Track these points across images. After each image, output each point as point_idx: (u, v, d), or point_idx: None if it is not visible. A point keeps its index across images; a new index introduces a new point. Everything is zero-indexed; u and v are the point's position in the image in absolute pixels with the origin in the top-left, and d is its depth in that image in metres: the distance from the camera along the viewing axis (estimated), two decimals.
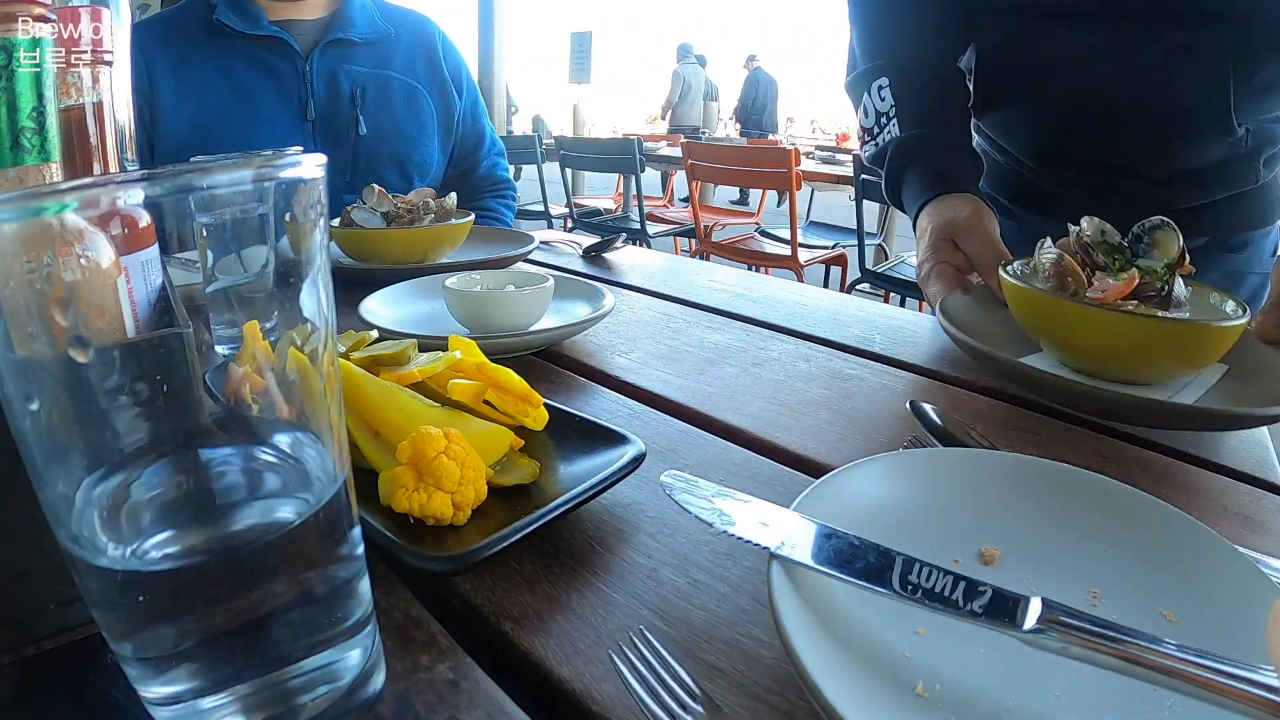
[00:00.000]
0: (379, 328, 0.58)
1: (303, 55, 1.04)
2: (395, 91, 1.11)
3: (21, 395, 0.18)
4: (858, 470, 0.37)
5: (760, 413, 0.54)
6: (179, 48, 1.01)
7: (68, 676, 0.27)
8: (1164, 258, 0.52)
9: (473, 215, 0.95)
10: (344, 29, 1.06)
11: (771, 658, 0.30)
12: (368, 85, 1.08)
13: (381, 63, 1.10)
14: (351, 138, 1.07)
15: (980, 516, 0.36)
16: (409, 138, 1.12)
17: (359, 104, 1.07)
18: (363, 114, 1.07)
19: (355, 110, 1.07)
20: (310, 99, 1.04)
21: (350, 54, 1.07)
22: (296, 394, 0.22)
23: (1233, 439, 0.52)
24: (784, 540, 0.30)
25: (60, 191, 0.17)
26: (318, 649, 0.23)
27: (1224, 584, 0.31)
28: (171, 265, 0.25)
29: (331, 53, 1.05)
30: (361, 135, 1.07)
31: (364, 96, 1.07)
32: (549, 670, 0.29)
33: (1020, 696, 0.26)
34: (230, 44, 1.01)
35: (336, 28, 1.06)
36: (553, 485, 0.39)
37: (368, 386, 0.39)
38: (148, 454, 0.21)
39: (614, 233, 1.11)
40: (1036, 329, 0.53)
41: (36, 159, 0.26)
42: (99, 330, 0.20)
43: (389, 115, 1.10)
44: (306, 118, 1.04)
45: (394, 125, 1.11)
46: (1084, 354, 0.51)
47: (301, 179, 0.20)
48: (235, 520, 0.23)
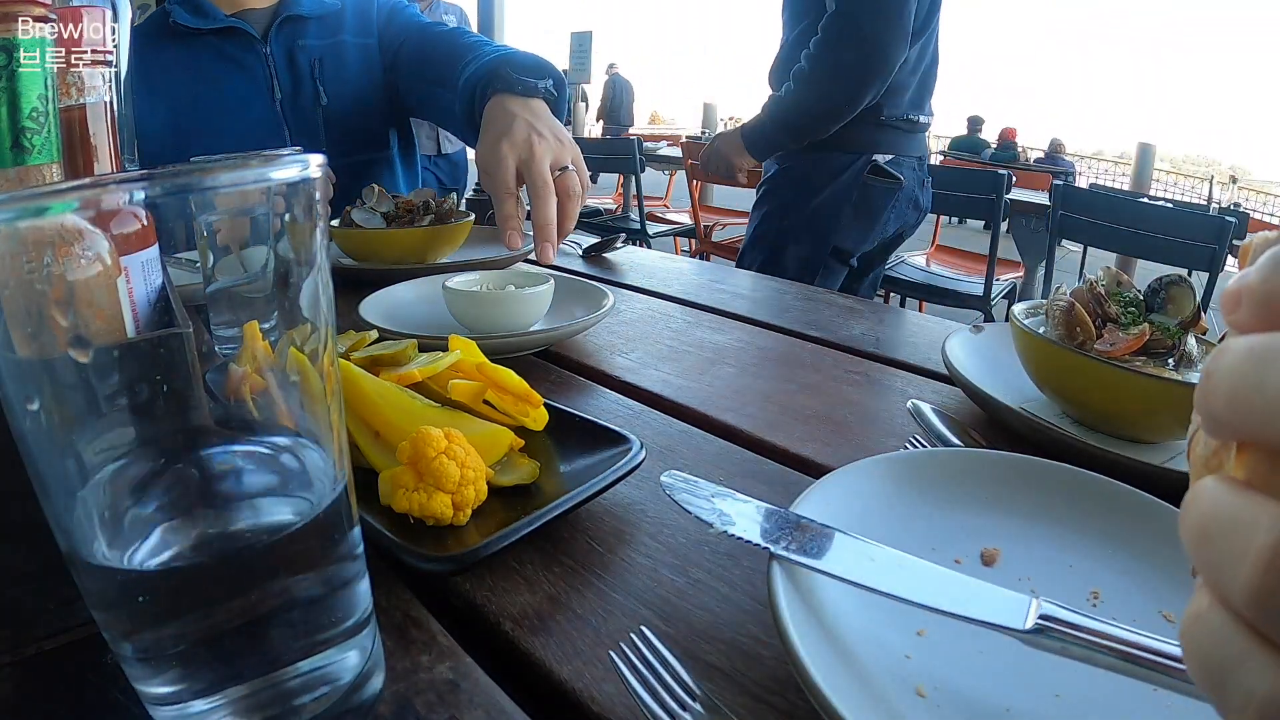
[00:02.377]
0: (379, 328, 0.58)
1: (261, 39, 1.06)
2: (349, 55, 1.12)
3: (21, 396, 0.18)
4: (858, 470, 0.37)
5: (760, 413, 0.54)
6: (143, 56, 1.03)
7: (68, 676, 0.27)
8: (1178, 315, 0.51)
9: (473, 215, 0.95)
10: (294, 6, 1.08)
11: (771, 658, 0.30)
12: (323, 56, 1.10)
13: (333, 31, 1.12)
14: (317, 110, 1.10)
15: (980, 516, 0.36)
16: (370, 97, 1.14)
17: (318, 75, 1.09)
18: (322, 84, 1.09)
19: (315, 83, 1.09)
20: (274, 80, 1.07)
21: (302, 29, 1.09)
22: (296, 394, 0.22)
23: None
24: (784, 540, 0.30)
25: (60, 191, 0.17)
26: (318, 649, 0.23)
27: None
28: (171, 265, 0.25)
29: (286, 30, 1.08)
30: (324, 105, 1.10)
31: (321, 67, 1.09)
32: (549, 670, 0.29)
33: (1020, 696, 0.26)
34: (192, 42, 1.03)
35: (287, 6, 1.08)
36: (553, 485, 0.39)
37: (368, 386, 0.39)
38: (148, 454, 0.21)
39: (614, 233, 1.10)
40: (1040, 377, 0.52)
41: (37, 159, 0.26)
42: (99, 330, 0.20)
43: (348, 80, 1.12)
44: (273, 98, 1.07)
45: (353, 89, 1.12)
46: (1086, 407, 0.50)
47: (301, 179, 0.20)
48: (235, 520, 0.23)
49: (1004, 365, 0.56)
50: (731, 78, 16.52)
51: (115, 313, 0.22)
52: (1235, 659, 0.12)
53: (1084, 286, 0.53)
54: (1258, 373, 0.12)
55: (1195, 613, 0.13)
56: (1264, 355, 0.12)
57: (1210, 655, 0.13)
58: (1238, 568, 0.12)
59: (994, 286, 2.22)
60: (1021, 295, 2.41)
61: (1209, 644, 0.13)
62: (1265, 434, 0.12)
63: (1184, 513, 0.14)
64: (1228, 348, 0.13)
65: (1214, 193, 7.25)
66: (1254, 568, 0.11)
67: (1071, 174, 6.27)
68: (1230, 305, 0.13)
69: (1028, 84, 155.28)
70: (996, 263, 2.23)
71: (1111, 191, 3.56)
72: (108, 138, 0.31)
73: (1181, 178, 10.48)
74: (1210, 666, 0.13)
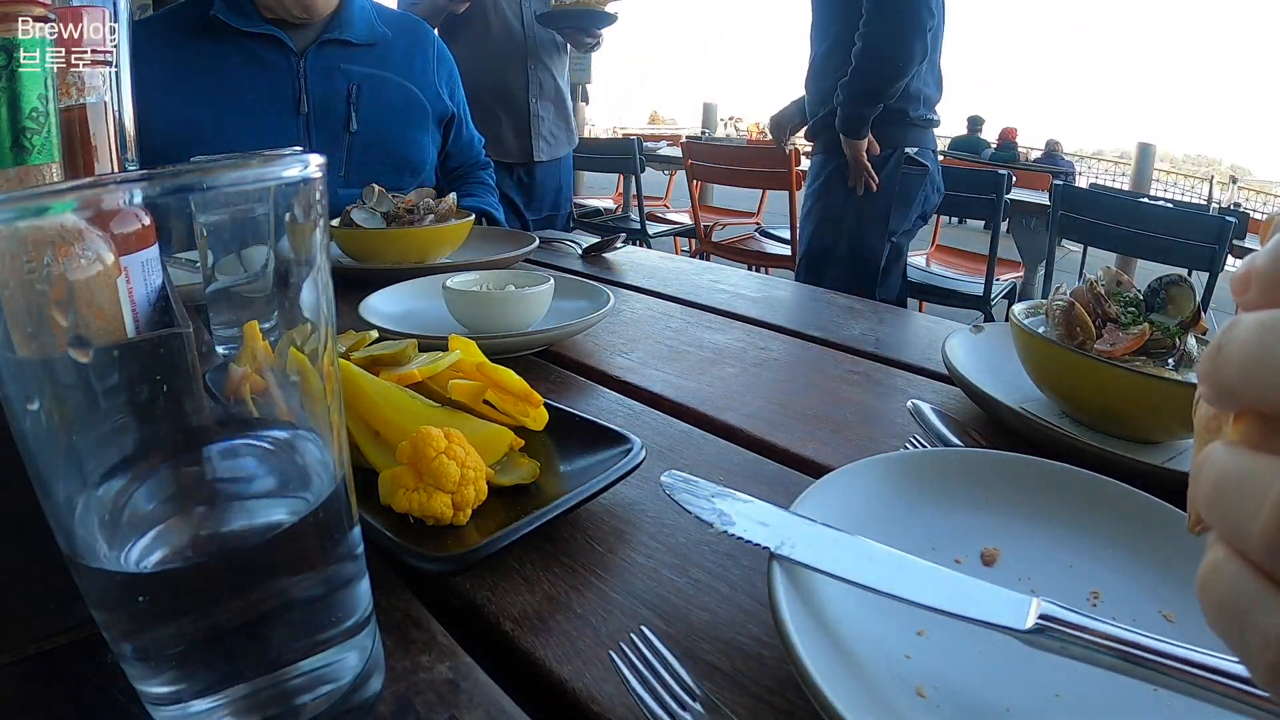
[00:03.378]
0: (379, 328, 0.58)
1: (297, 52, 1.07)
2: (392, 91, 1.14)
3: (21, 396, 0.18)
4: (858, 470, 0.37)
5: (760, 413, 0.54)
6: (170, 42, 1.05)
7: (68, 676, 0.27)
8: (1178, 315, 0.51)
9: (473, 215, 0.95)
10: (341, 30, 1.09)
11: (771, 658, 0.30)
12: (364, 84, 1.11)
13: (378, 64, 1.13)
14: (345, 134, 1.11)
15: (980, 516, 0.36)
16: (403, 136, 1.16)
17: (354, 101, 1.10)
18: (356, 111, 1.10)
19: (350, 107, 1.10)
20: (304, 94, 1.07)
21: (347, 54, 1.10)
22: (296, 394, 0.22)
23: None
24: (784, 540, 0.30)
25: (60, 191, 0.17)
26: (318, 649, 0.23)
27: None
28: (171, 265, 0.25)
29: (328, 51, 1.09)
30: (354, 132, 1.11)
31: (359, 94, 1.11)
32: (549, 670, 0.29)
33: (1020, 697, 0.26)
34: (224, 39, 1.04)
35: (334, 28, 1.09)
36: (553, 485, 0.39)
37: (368, 386, 0.39)
38: (148, 454, 0.21)
39: (614, 233, 1.10)
40: (1040, 377, 0.52)
41: (36, 159, 0.25)
42: (99, 330, 0.20)
43: (384, 114, 1.13)
44: (299, 112, 1.08)
45: (389, 124, 1.14)
46: (1086, 407, 0.50)
47: (302, 179, 0.20)
48: (235, 520, 0.23)
49: (1004, 365, 0.55)
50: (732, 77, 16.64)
51: (115, 313, 0.22)
52: (1252, 603, 0.13)
53: (1084, 286, 0.53)
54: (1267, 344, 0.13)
55: (1212, 565, 0.14)
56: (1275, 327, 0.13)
57: (1228, 602, 0.13)
58: (1253, 519, 0.13)
59: (994, 286, 2.22)
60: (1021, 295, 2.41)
61: (1227, 592, 0.13)
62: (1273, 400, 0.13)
63: (1195, 473, 0.15)
64: (1239, 322, 0.13)
65: (1214, 193, 7.25)
66: (1270, 517, 0.12)
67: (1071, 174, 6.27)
68: (1240, 288, 0.14)
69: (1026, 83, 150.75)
70: (996, 263, 2.23)
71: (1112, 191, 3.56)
72: (108, 138, 0.31)
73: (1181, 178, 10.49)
74: (1229, 613, 0.13)
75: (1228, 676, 0.22)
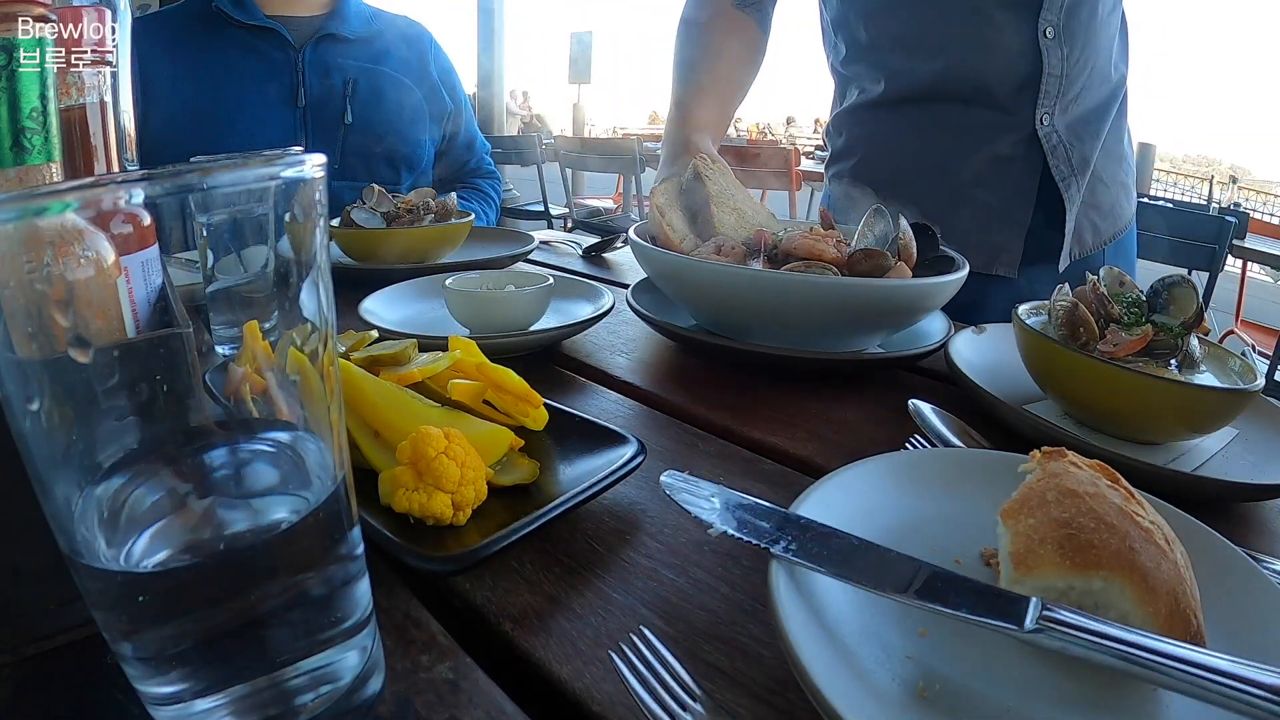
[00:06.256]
0: (379, 328, 0.58)
1: (295, 46, 1.09)
2: (386, 87, 1.16)
3: (22, 396, 0.18)
4: (858, 470, 0.37)
5: (760, 413, 0.54)
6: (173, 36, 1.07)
7: (68, 676, 0.27)
8: (1181, 315, 0.51)
9: (473, 215, 0.95)
10: (338, 26, 1.12)
11: (771, 658, 0.30)
12: (360, 79, 1.13)
13: (375, 59, 1.16)
14: (340, 127, 1.13)
15: (980, 516, 0.36)
16: (398, 131, 1.18)
17: (350, 95, 1.12)
18: (352, 105, 1.12)
19: (345, 101, 1.12)
20: (301, 87, 1.09)
21: (344, 49, 1.13)
22: (296, 394, 0.22)
23: None
24: (784, 540, 0.30)
25: (60, 191, 0.17)
26: (317, 649, 0.23)
27: (1223, 584, 0.31)
28: (171, 265, 0.25)
29: (325, 46, 1.11)
30: (348, 125, 1.13)
31: (355, 89, 1.13)
32: (549, 670, 0.29)
33: (1020, 697, 0.26)
34: (224, 32, 1.06)
35: (331, 24, 1.11)
36: (553, 485, 0.39)
37: (368, 386, 0.39)
38: (148, 454, 0.21)
39: (614, 233, 1.11)
40: (1043, 377, 0.52)
41: (36, 159, 0.26)
42: (99, 330, 0.20)
43: (379, 108, 1.15)
44: (296, 105, 1.10)
45: (384, 118, 1.16)
46: (1088, 407, 0.50)
47: (302, 179, 0.20)
48: (235, 520, 0.23)
49: (1005, 365, 0.55)
50: None
51: (115, 313, 0.22)
52: None
53: (1087, 287, 0.53)
54: None
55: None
56: None
57: None
58: None
59: None
60: None
61: None
62: None
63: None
64: None
65: (1214, 193, 7.25)
66: None
67: None
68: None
69: None
70: None
71: None
72: (108, 138, 0.31)
73: (1181, 178, 10.49)
74: None
75: (1227, 676, 0.22)
